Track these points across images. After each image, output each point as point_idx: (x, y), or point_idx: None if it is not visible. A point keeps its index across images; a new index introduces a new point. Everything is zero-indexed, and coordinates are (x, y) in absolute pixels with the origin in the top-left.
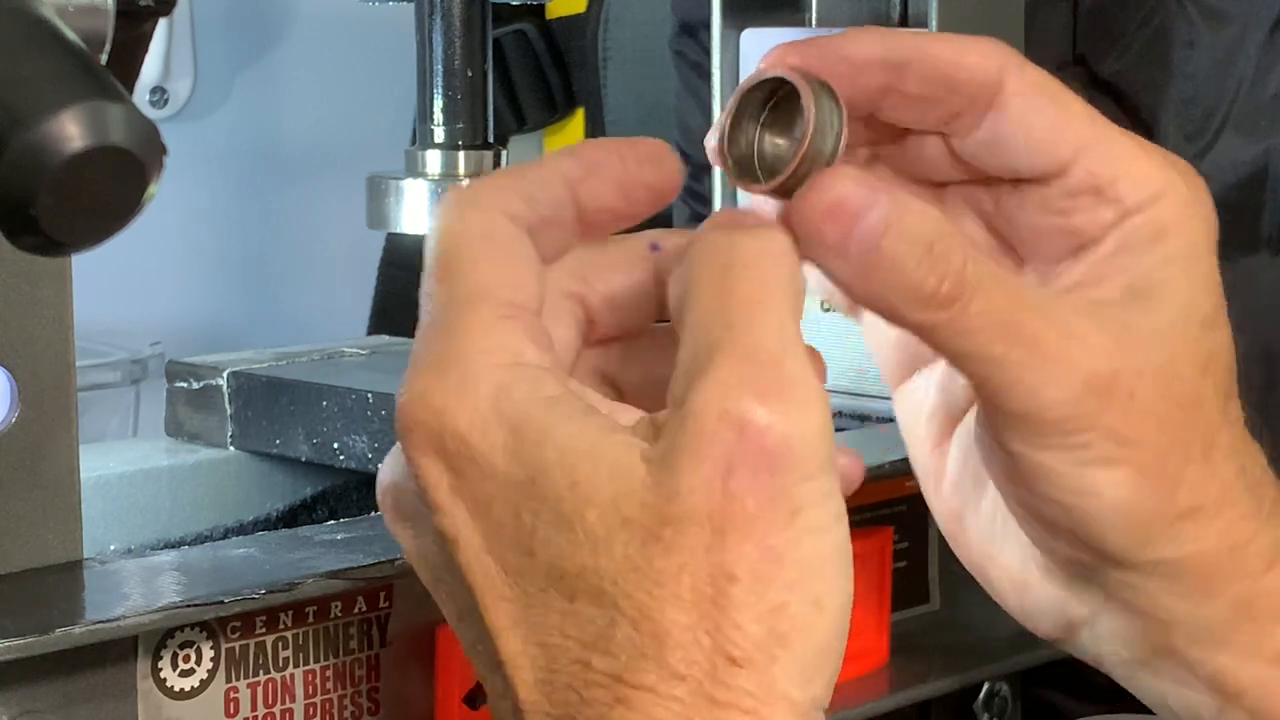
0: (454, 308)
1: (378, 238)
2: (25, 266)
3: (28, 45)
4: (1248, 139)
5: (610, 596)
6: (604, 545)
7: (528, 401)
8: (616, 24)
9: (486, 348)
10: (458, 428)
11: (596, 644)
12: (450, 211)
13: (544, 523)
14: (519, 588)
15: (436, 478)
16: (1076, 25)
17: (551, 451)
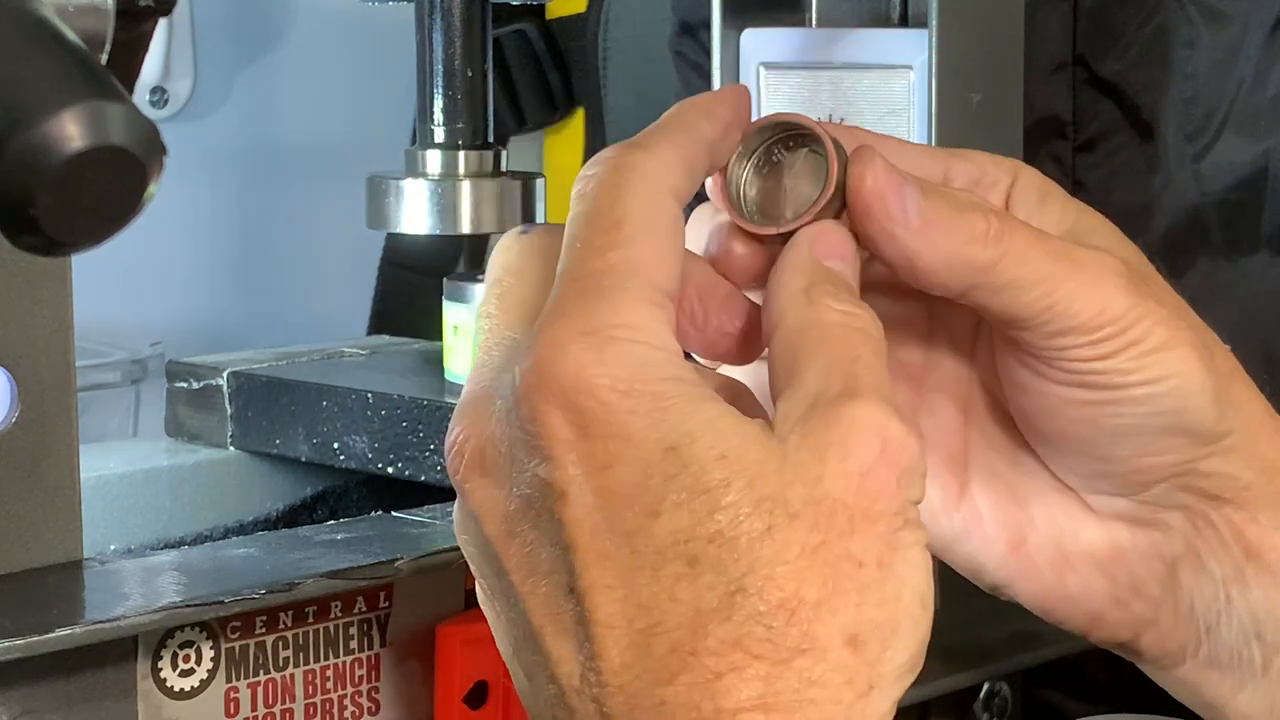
0: (608, 276)
1: (378, 238)
2: (25, 266)
3: (28, 45)
4: (1248, 139)
5: (742, 564)
6: (746, 514)
7: (671, 380)
8: (616, 24)
9: (634, 324)
10: (597, 384)
11: (718, 611)
12: (618, 172)
13: (678, 488)
14: (630, 547)
15: (559, 429)
16: (1076, 25)
17: (698, 424)
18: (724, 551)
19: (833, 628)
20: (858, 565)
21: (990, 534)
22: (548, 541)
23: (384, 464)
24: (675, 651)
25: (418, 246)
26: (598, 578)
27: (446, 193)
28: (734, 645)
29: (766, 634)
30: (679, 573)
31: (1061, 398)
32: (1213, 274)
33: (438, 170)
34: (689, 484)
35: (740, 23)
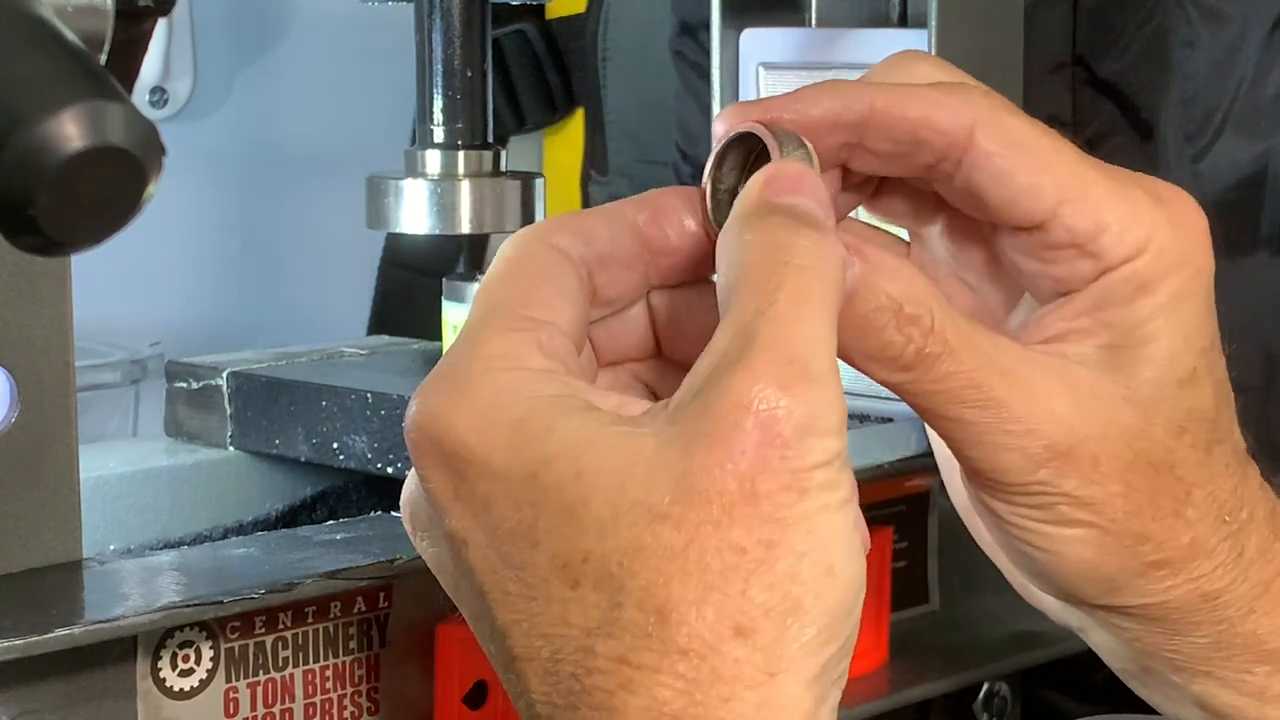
0: (470, 325)
1: (378, 238)
2: (25, 266)
3: (27, 45)
4: (1248, 139)
5: (615, 579)
6: (610, 528)
7: (527, 400)
8: (616, 24)
9: (487, 354)
10: (455, 429)
11: (600, 629)
12: (506, 244)
13: (546, 514)
14: (522, 581)
15: (441, 483)
16: (1076, 25)
17: (554, 444)
18: (597, 568)
19: (716, 623)
20: (740, 552)
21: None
22: (468, 588)
23: (384, 464)
24: (575, 676)
25: (417, 246)
26: (506, 615)
27: (446, 193)
28: (620, 661)
29: (648, 643)
30: (565, 597)
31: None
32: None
33: (437, 170)
34: (553, 508)
35: (740, 23)
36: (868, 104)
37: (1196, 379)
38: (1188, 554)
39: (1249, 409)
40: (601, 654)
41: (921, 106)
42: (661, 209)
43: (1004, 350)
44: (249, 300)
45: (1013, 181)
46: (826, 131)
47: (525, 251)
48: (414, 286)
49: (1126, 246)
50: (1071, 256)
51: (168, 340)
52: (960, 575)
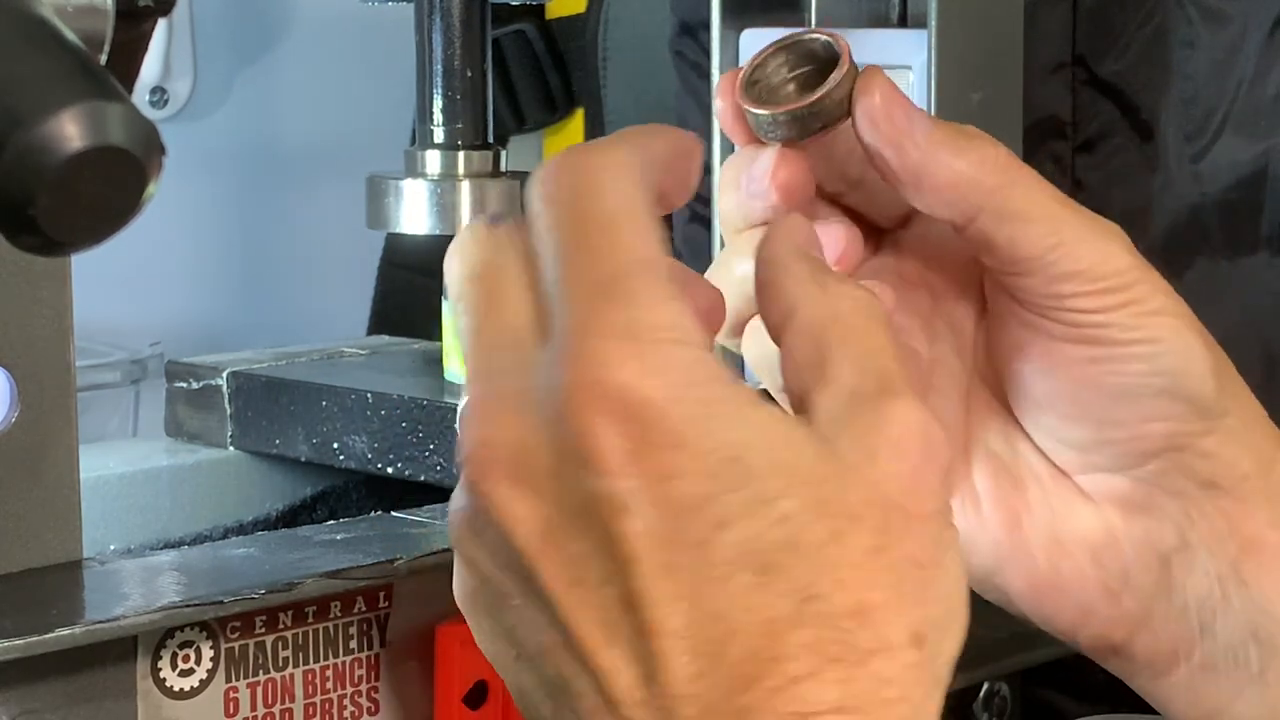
0: (627, 276)
1: (378, 238)
2: (25, 266)
3: (27, 45)
4: (1248, 139)
5: (810, 572)
6: (809, 520)
7: (716, 383)
8: (616, 24)
9: (669, 324)
10: (649, 396)
11: (792, 618)
12: (586, 173)
13: (743, 499)
14: (701, 558)
15: (614, 443)
16: (1076, 25)
17: (749, 432)
18: (793, 559)
19: (899, 628)
20: (918, 566)
21: (987, 514)
22: (599, 554)
23: (384, 464)
24: (754, 658)
25: (418, 246)
26: (665, 590)
27: (446, 193)
28: (810, 650)
29: (840, 637)
30: (750, 582)
31: (1063, 356)
32: (1213, 274)
33: (437, 170)
34: (753, 495)
35: (740, 23)
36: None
37: None
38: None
39: None
40: (793, 643)
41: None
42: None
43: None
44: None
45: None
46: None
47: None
48: (414, 286)
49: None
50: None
51: (168, 340)
52: None
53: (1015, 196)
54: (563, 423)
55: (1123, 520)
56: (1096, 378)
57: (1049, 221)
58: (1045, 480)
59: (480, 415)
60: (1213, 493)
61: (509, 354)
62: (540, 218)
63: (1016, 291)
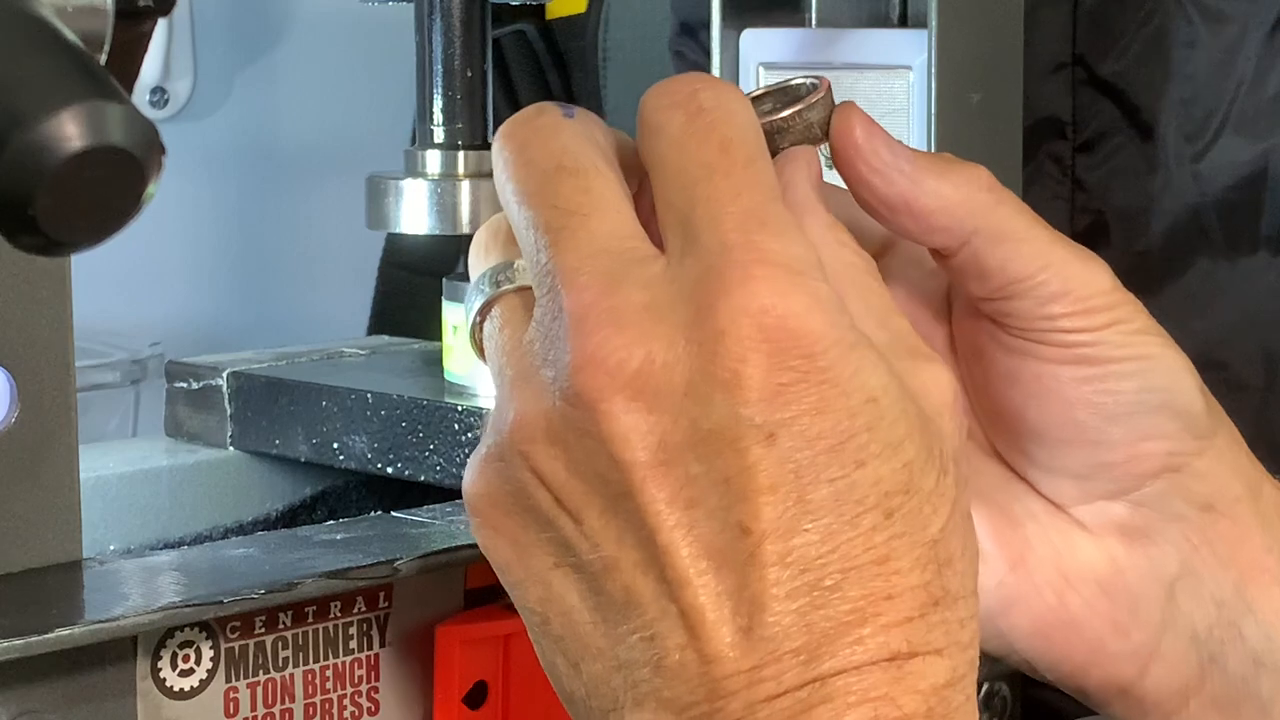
0: (776, 210)
1: (378, 238)
2: (25, 266)
3: (27, 45)
4: (1248, 139)
5: (922, 517)
6: (921, 471)
7: (852, 327)
8: (616, 24)
9: (816, 263)
10: (815, 331)
11: (907, 561)
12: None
13: (878, 440)
14: (835, 495)
15: (766, 372)
16: (1076, 25)
17: (883, 375)
18: (911, 503)
19: (969, 577)
20: (969, 519)
21: (989, 554)
22: (719, 479)
23: (384, 464)
24: (871, 596)
25: (418, 246)
26: (795, 522)
27: (446, 193)
28: (919, 590)
29: (940, 581)
30: (876, 523)
31: (1055, 379)
32: (1213, 274)
33: (437, 170)
34: (885, 436)
35: (740, 23)
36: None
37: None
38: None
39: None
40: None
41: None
42: None
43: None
44: (249, 300)
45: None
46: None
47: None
48: (414, 286)
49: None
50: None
51: (168, 340)
52: None
53: (1005, 216)
54: (714, 344)
55: (1125, 550)
56: (1090, 398)
57: (1038, 242)
58: (1041, 517)
59: (596, 328)
60: (1210, 516)
61: (625, 264)
62: (676, 132)
63: (1005, 317)
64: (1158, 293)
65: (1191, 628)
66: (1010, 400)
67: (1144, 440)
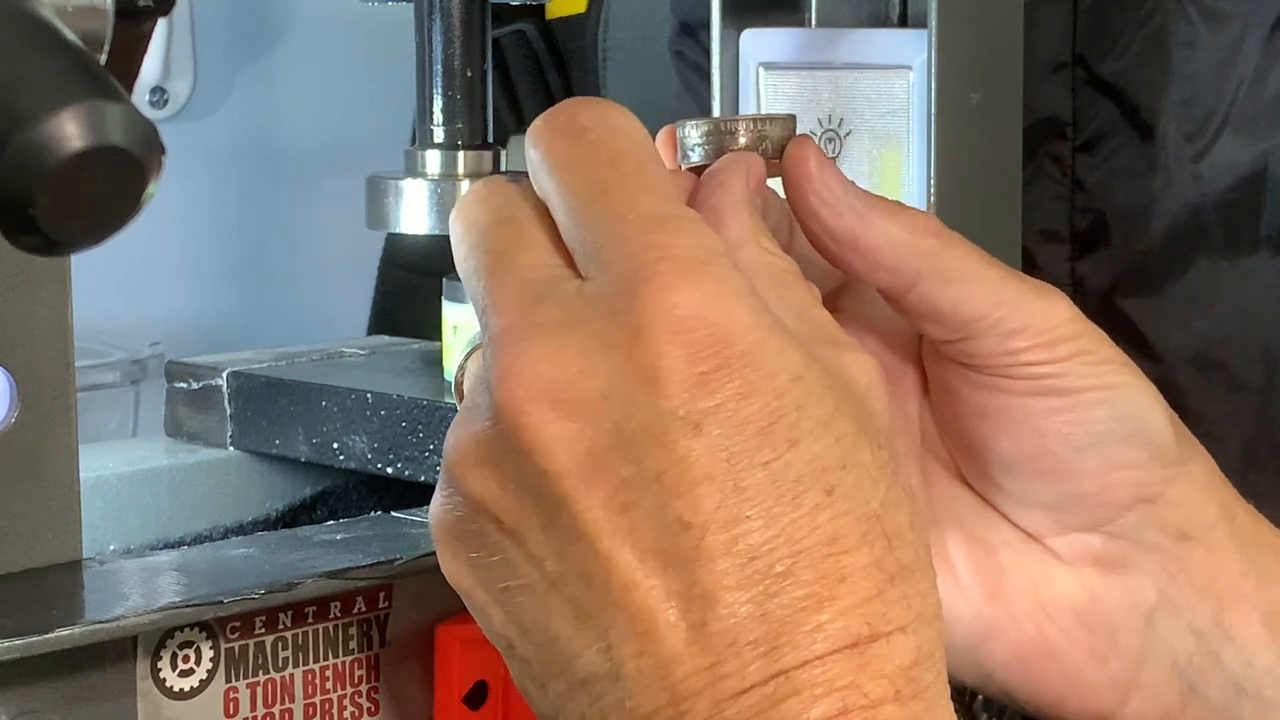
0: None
1: (378, 238)
2: (25, 266)
3: (27, 45)
4: (1247, 139)
5: (863, 495)
6: (858, 445)
7: (766, 308)
8: (616, 24)
9: (718, 251)
10: (730, 318)
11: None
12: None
13: (809, 417)
14: (770, 478)
15: (686, 365)
16: (1076, 25)
17: (803, 355)
18: (850, 478)
19: (921, 545)
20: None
21: (966, 583)
22: (651, 478)
23: (384, 464)
24: (824, 579)
25: (418, 246)
26: (733, 510)
27: (446, 193)
28: (874, 568)
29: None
30: (818, 501)
31: (1024, 411)
32: (1212, 274)
33: (437, 170)
34: (815, 413)
35: (740, 23)
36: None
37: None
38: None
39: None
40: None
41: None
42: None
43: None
44: (249, 300)
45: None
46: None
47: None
48: (414, 286)
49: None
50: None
51: (168, 340)
52: None
53: (953, 258)
54: (629, 344)
55: (1102, 580)
56: (1060, 429)
57: (988, 282)
58: (1017, 546)
59: (513, 343)
60: (1186, 544)
61: (544, 288)
62: (560, 158)
63: (969, 357)
64: (1158, 293)
65: (1172, 656)
66: (982, 434)
67: (1116, 470)
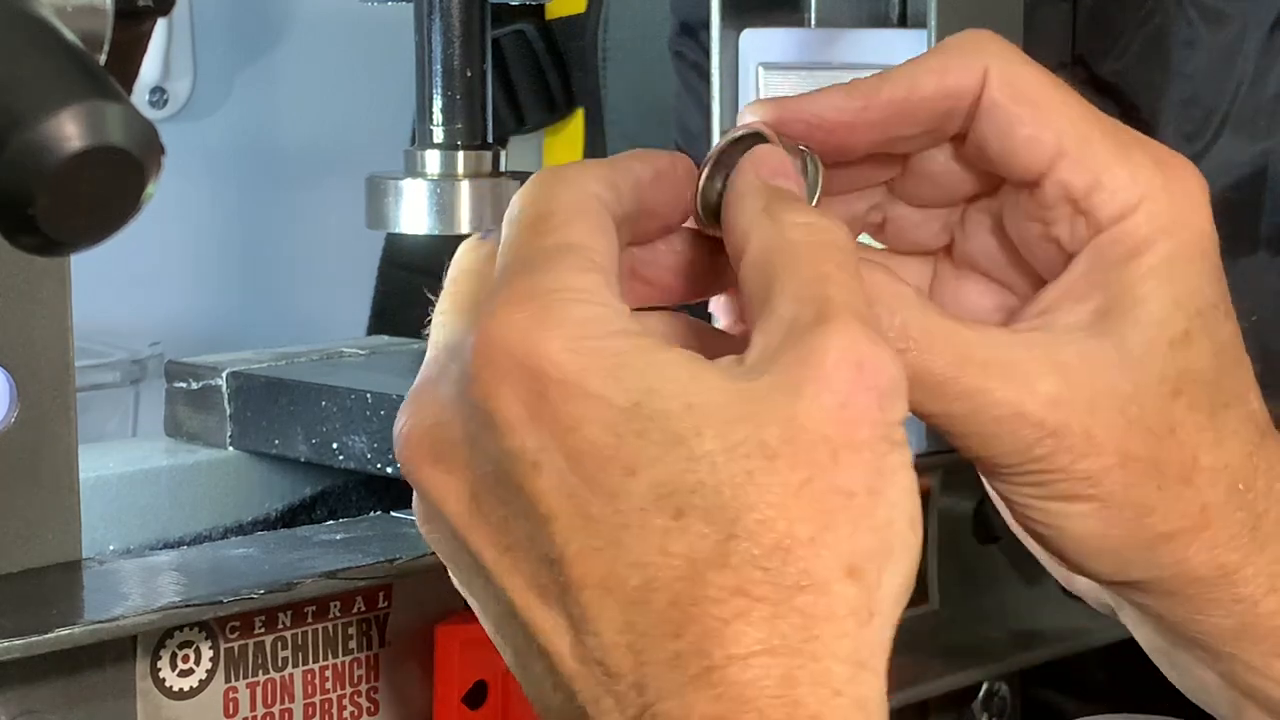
0: (544, 255)
1: (378, 238)
2: (25, 266)
3: (27, 45)
4: (1247, 139)
5: (729, 512)
6: (722, 461)
7: (622, 333)
8: (616, 24)
9: (570, 287)
10: (548, 350)
11: (711, 560)
12: (544, 181)
13: (651, 442)
14: (613, 508)
15: (515, 402)
16: (1076, 25)
17: (656, 377)
18: (709, 500)
19: (830, 561)
20: (848, 496)
21: None
22: (519, 515)
23: (384, 464)
24: (677, 604)
25: (417, 246)
26: (584, 541)
27: (445, 193)
28: (736, 591)
29: (765, 576)
30: (666, 526)
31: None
32: None
33: (437, 170)
34: (660, 437)
35: (739, 23)
36: (885, 99)
37: (1190, 340)
38: (1199, 523)
39: None
40: (715, 584)
41: (933, 80)
42: (662, 173)
43: (984, 339)
44: (249, 300)
45: (1014, 133)
46: (848, 133)
47: (576, 197)
48: (414, 286)
49: (1118, 205)
50: (1066, 215)
51: (168, 340)
52: (960, 575)
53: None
54: (471, 389)
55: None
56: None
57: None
58: None
59: (405, 402)
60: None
61: (448, 343)
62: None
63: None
64: None
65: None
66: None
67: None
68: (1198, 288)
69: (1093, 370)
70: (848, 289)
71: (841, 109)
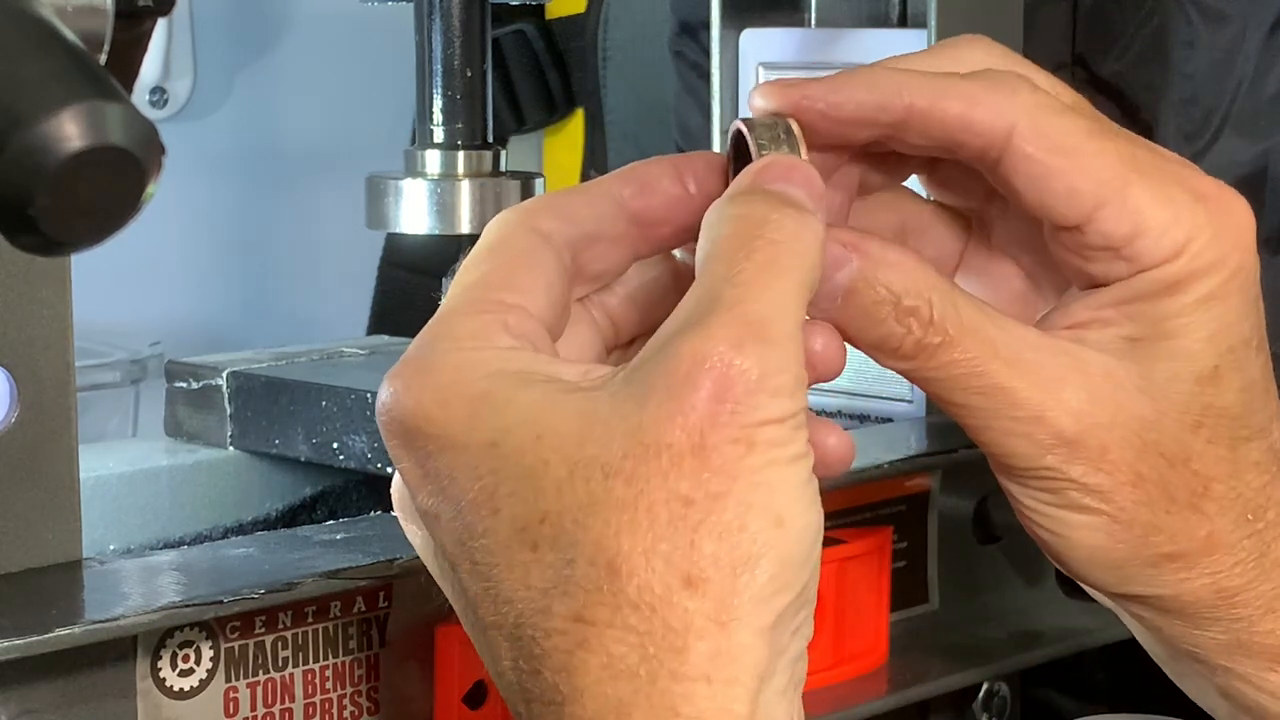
0: (442, 309)
1: (378, 238)
2: (25, 266)
3: (27, 45)
4: (1247, 139)
5: (570, 535)
6: (566, 486)
7: (490, 375)
8: (616, 24)
9: (455, 335)
10: (420, 407)
11: (555, 588)
12: (485, 230)
13: (506, 479)
14: (486, 549)
15: (410, 462)
16: (1076, 25)
17: (513, 413)
18: (554, 527)
19: (666, 574)
20: (687, 503)
21: None
22: (443, 565)
23: (384, 464)
24: (534, 639)
25: (417, 246)
26: (475, 585)
27: (446, 193)
28: (575, 619)
29: (600, 598)
30: (525, 560)
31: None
32: None
33: (437, 170)
34: (514, 472)
35: (740, 23)
36: (906, 104)
37: (1219, 376)
38: (1204, 548)
39: None
40: (558, 613)
41: (960, 105)
42: (645, 181)
43: (1015, 337)
44: (249, 300)
45: (1049, 185)
46: (858, 127)
47: (503, 235)
48: (414, 287)
49: (1164, 250)
50: (1108, 258)
51: (168, 340)
52: (960, 575)
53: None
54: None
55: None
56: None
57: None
58: None
59: None
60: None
61: None
62: None
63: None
64: None
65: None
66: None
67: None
68: (1232, 323)
69: (1117, 390)
70: (747, 284)
71: (861, 104)
